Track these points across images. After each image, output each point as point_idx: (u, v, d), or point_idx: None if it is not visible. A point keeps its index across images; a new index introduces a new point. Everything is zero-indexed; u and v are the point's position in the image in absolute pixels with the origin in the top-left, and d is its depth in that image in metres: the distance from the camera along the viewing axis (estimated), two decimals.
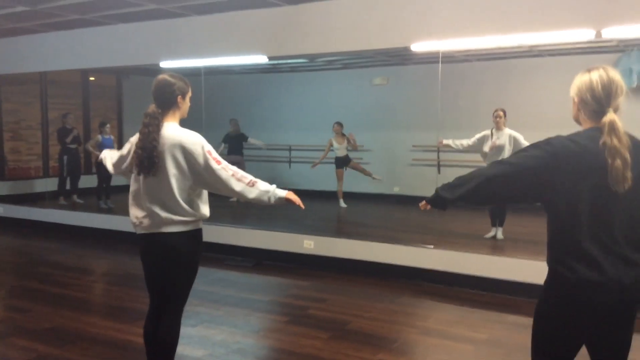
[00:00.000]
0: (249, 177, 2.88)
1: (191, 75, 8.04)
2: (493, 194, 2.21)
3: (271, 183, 2.95)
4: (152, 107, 2.88)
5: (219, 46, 6.79)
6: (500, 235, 6.83)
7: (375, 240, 6.19)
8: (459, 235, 7.08)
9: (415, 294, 5.45)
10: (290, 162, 11.22)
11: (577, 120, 2.21)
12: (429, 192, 2.35)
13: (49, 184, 9.36)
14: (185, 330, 4.40)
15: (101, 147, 9.20)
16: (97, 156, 9.54)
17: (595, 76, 2.10)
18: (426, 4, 5.55)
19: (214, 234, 6.78)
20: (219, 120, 9.83)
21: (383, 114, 10.34)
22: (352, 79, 10.61)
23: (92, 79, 11.32)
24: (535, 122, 7.96)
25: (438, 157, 9.47)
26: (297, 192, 3.05)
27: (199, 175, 2.83)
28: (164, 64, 7.26)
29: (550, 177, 2.04)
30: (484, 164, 7.06)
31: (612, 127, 2.02)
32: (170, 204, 2.84)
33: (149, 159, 2.78)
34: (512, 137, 6.64)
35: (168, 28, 7.13)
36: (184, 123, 3.00)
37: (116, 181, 9.91)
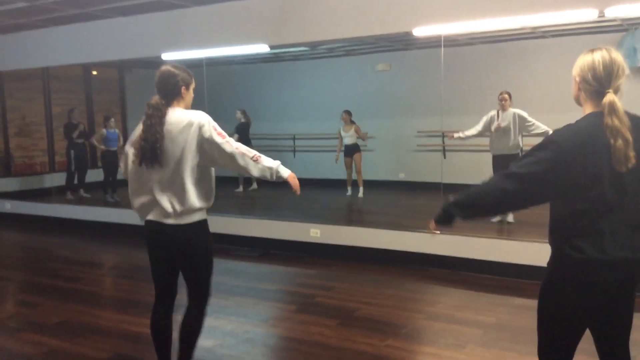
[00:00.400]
0: (252, 152, 2.89)
1: (193, 66, 8.03)
2: (509, 206, 2.17)
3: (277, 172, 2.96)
4: (155, 99, 2.88)
5: (219, 36, 6.77)
6: (511, 218, 6.79)
7: (381, 227, 6.19)
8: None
9: (423, 279, 5.46)
10: (294, 151, 11.22)
11: (577, 101, 2.21)
12: (435, 178, 2.35)
13: (55, 179, 9.41)
14: None
15: (106, 141, 9.22)
16: (103, 150, 9.59)
17: (598, 56, 2.10)
18: None
19: (221, 224, 6.78)
20: (222, 111, 9.82)
21: (387, 100, 10.30)
22: (355, 65, 10.56)
23: (94, 73, 11.32)
24: (540, 103, 7.92)
25: (443, 142, 9.43)
26: (302, 180, 3.06)
27: (204, 151, 2.83)
28: (166, 56, 7.24)
29: (562, 175, 2.03)
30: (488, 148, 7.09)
31: (612, 108, 2.03)
32: (179, 193, 2.84)
33: (152, 150, 2.78)
34: (516, 116, 6.61)
35: (168, 20, 7.11)
36: None
37: (122, 175, 9.93)
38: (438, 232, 2.26)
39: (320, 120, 10.62)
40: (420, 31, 5.60)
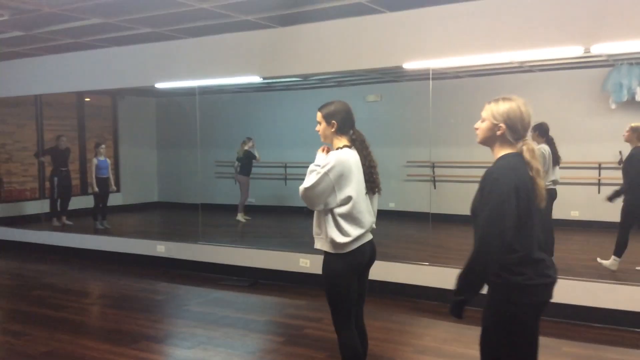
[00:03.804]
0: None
1: (185, 95, 8.11)
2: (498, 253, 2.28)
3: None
4: (353, 134, 3.39)
5: (213, 68, 6.86)
6: None
7: None
8: (453, 251, 7.09)
9: (411, 311, 5.47)
10: (285, 179, 11.26)
11: (489, 141, 2.42)
12: (425, 208, 2.45)
13: (45, 206, 9.36)
14: (181, 353, 4.41)
15: (97, 169, 9.22)
16: (94, 179, 9.44)
17: (523, 107, 2.39)
18: (417, 24, 5.62)
19: (209, 253, 6.80)
20: (213, 138, 9.88)
21: (377, 130, 10.34)
22: (346, 95, 10.59)
23: (87, 99, 11.36)
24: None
25: (433, 172, 9.52)
26: (293, 209, 3.16)
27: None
28: (160, 86, 7.32)
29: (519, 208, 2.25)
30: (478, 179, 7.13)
31: (534, 152, 2.32)
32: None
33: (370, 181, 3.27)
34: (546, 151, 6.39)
35: (163, 50, 7.19)
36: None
37: (112, 201, 9.92)
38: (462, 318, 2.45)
39: (312, 149, 10.61)
40: (410, 65, 5.71)
